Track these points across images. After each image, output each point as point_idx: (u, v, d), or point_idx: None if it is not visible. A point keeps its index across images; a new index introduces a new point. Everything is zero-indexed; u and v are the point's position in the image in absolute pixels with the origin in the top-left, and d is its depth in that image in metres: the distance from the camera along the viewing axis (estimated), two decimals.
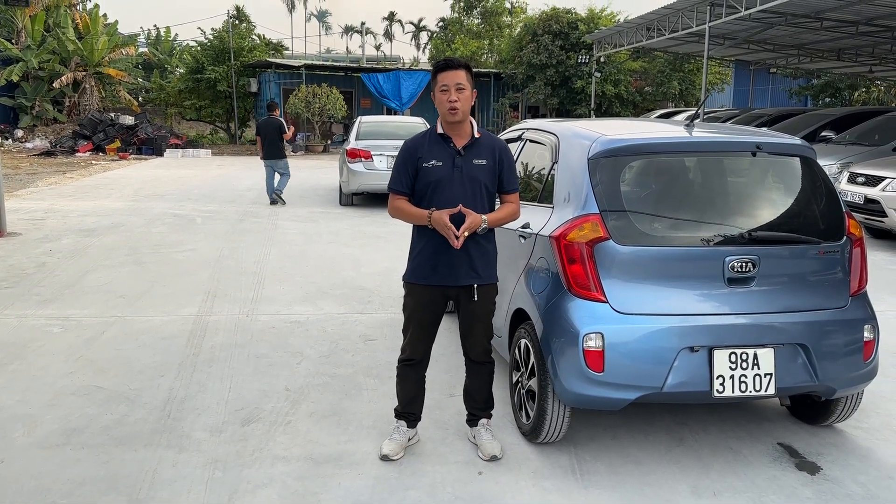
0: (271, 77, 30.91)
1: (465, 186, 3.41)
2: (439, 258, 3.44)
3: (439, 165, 3.41)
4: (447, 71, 3.38)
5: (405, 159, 3.49)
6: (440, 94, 3.40)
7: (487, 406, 3.77)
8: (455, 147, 3.44)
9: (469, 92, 3.39)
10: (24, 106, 30.82)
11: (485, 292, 3.53)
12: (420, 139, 3.53)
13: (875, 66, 23.79)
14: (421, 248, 3.50)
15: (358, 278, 7.25)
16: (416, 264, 3.53)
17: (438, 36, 48.06)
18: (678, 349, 3.32)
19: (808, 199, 3.76)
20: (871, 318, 3.61)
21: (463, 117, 3.40)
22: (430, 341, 3.66)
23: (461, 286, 3.49)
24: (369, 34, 79.85)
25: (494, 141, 3.55)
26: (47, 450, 3.68)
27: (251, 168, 20.91)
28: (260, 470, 3.50)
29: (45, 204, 12.83)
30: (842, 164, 10.92)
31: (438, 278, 3.48)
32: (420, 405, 3.76)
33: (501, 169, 3.50)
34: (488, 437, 3.68)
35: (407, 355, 3.65)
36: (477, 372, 3.70)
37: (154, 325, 5.75)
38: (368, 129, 13.28)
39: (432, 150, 3.45)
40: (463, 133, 3.46)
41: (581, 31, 27.65)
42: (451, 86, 3.36)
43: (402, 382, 3.71)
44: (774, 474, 3.51)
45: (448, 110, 3.37)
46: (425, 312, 3.58)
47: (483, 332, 3.61)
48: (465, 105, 3.38)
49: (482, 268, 3.50)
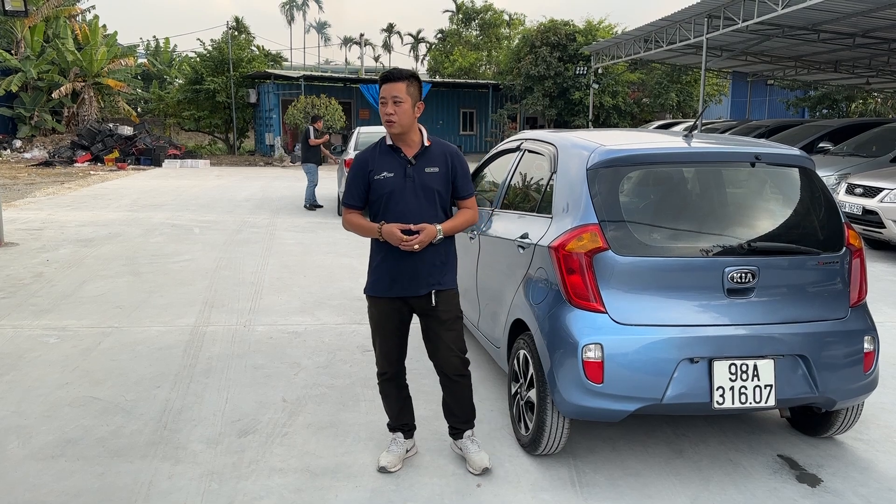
0: (270, 88, 31.01)
1: (418, 196, 3.37)
2: (398, 269, 3.41)
3: (391, 176, 3.38)
4: (386, 83, 3.36)
5: (356, 173, 3.45)
6: (381, 106, 3.38)
7: (470, 418, 3.67)
8: (405, 157, 3.41)
9: (409, 104, 3.34)
10: (22, 116, 30.85)
11: (445, 297, 3.47)
12: (371, 151, 3.49)
13: (872, 78, 23.93)
14: (380, 261, 3.46)
15: (355, 289, 7.22)
16: (376, 277, 3.48)
17: (437, 47, 48.28)
18: (678, 360, 3.30)
19: (807, 209, 3.76)
20: (871, 328, 3.60)
21: (401, 129, 3.36)
22: (400, 352, 3.60)
23: (421, 296, 3.44)
24: (368, 45, 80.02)
25: (445, 147, 3.51)
26: (42, 461, 3.64)
27: (249, 178, 20.93)
28: (257, 482, 3.47)
29: (42, 214, 12.82)
30: (840, 175, 10.93)
31: (399, 289, 3.43)
32: (410, 415, 3.72)
33: (455, 175, 3.47)
34: (475, 448, 3.61)
35: (381, 369, 3.61)
36: (452, 388, 3.59)
37: (151, 336, 5.72)
38: (367, 139, 13.30)
39: (383, 161, 3.42)
40: (411, 143, 3.43)
41: (579, 43, 27.81)
42: (388, 98, 3.33)
43: (385, 398, 3.69)
44: (775, 486, 3.48)
45: (384, 122, 3.35)
46: (389, 324, 3.52)
47: (452, 341, 3.51)
48: (403, 118, 3.33)
49: (441, 276, 3.46)
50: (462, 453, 3.65)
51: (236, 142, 33.28)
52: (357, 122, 30.30)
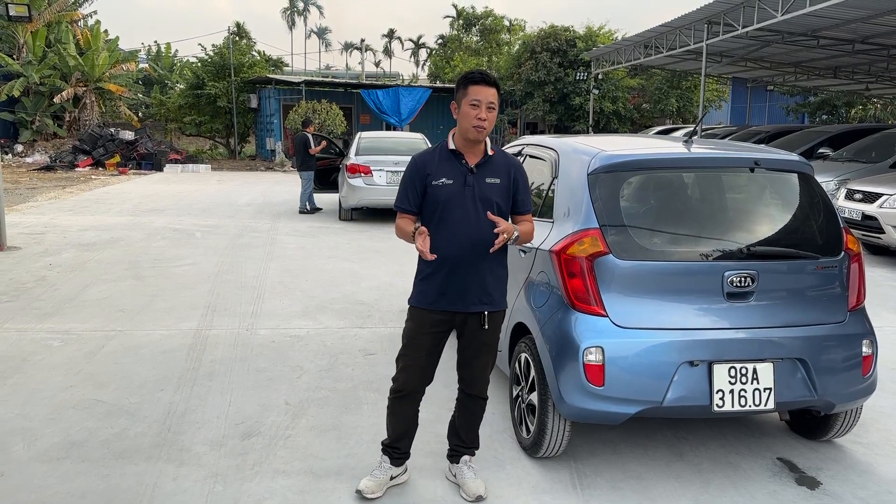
0: (271, 93, 31.06)
1: (476, 206, 3.16)
2: (450, 282, 3.19)
3: (449, 184, 3.17)
4: (482, 86, 3.14)
5: (413, 176, 3.24)
6: (469, 108, 3.13)
7: (473, 444, 3.52)
8: (467, 164, 3.21)
9: (496, 112, 3.20)
10: (24, 121, 30.89)
11: (495, 319, 3.30)
12: (430, 155, 3.28)
13: (871, 84, 23.99)
14: (430, 272, 3.22)
15: (357, 293, 7.26)
16: (424, 287, 3.26)
17: (437, 53, 48.40)
18: (678, 363, 3.33)
19: (806, 214, 3.79)
20: (870, 332, 3.63)
21: (486, 137, 3.21)
22: (426, 373, 3.34)
23: (470, 313, 3.24)
24: (369, 51, 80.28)
25: (509, 159, 3.32)
26: (47, 463, 3.67)
27: (250, 183, 20.97)
28: (260, 484, 3.49)
29: (44, 218, 12.85)
30: (839, 180, 10.97)
31: (447, 303, 3.21)
32: (409, 442, 3.48)
33: (516, 189, 3.27)
34: (471, 475, 3.44)
35: (399, 385, 3.34)
36: (471, 408, 3.44)
37: (154, 339, 5.75)
38: (368, 144, 13.34)
39: (442, 166, 3.21)
40: (477, 150, 3.24)
41: (579, 49, 27.88)
42: (482, 102, 3.12)
43: (392, 416, 3.42)
44: (774, 489, 3.51)
45: (474, 127, 3.13)
46: (427, 340, 3.28)
47: (487, 362, 3.38)
48: (491, 126, 3.17)
49: (494, 292, 3.26)
50: (456, 480, 3.47)
51: (237, 146, 33.32)
52: (358, 127, 30.34)
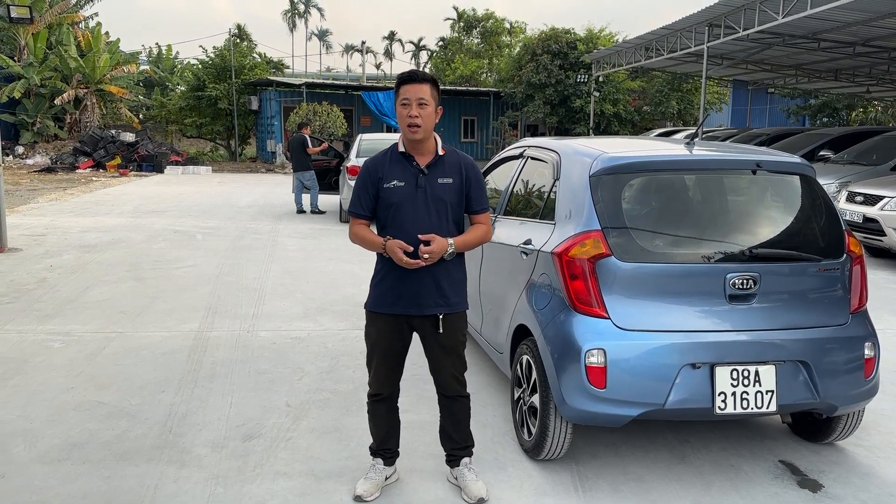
0: (272, 95, 31.10)
1: (429, 208, 3.15)
2: (404, 285, 3.19)
3: (401, 186, 3.16)
4: (410, 84, 3.13)
5: (364, 180, 3.23)
6: (401, 108, 3.14)
7: (468, 444, 3.50)
8: (418, 165, 3.19)
9: (433, 108, 3.14)
10: (25, 122, 30.92)
11: (451, 322, 3.27)
12: (381, 158, 3.26)
13: (872, 87, 23.98)
14: (384, 274, 3.24)
15: (358, 294, 7.25)
16: (380, 292, 3.27)
17: (438, 55, 48.44)
18: (680, 366, 3.32)
19: (807, 216, 3.79)
20: (872, 335, 3.62)
21: (424, 135, 3.15)
22: (397, 374, 3.40)
23: (426, 315, 3.24)
24: (369, 53, 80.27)
25: (460, 157, 3.29)
26: (48, 465, 3.67)
27: (251, 185, 20.99)
28: (262, 486, 3.49)
29: (45, 220, 12.86)
30: (840, 183, 10.97)
31: (403, 306, 3.22)
32: (396, 440, 3.51)
33: (469, 187, 3.24)
34: (472, 477, 3.42)
35: (374, 390, 3.40)
36: (452, 409, 3.43)
37: (155, 341, 5.75)
38: (369, 146, 13.32)
39: (393, 169, 3.19)
40: (426, 151, 3.21)
41: (580, 51, 27.90)
42: (412, 100, 3.10)
43: (373, 419, 3.47)
44: (776, 491, 3.51)
45: (408, 127, 3.11)
46: (389, 344, 3.30)
47: (453, 364, 3.34)
48: (428, 122, 3.13)
49: (451, 295, 3.25)
50: (458, 483, 3.46)
51: (238, 148, 33.35)
52: (359, 129, 30.37)
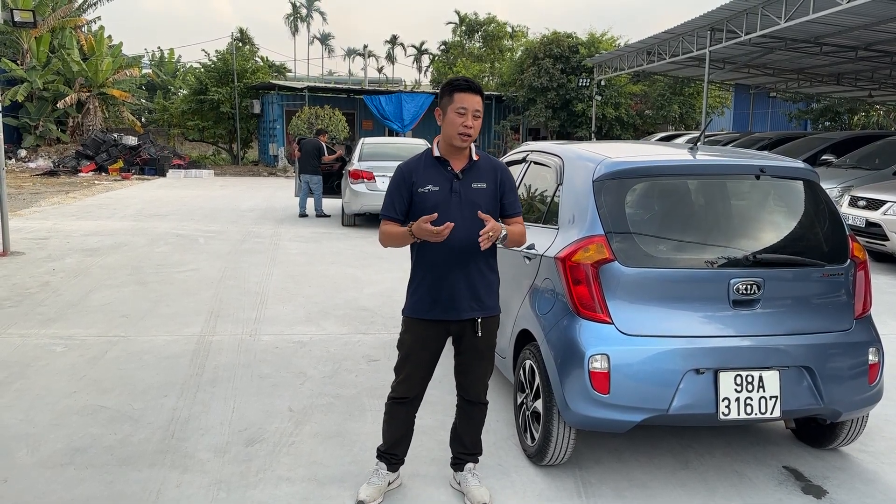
0: (274, 99, 31.16)
1: (463, 212, 3.14)
2: (440, 289, 3.20)
3: (436, 190, 3.17)
4: (468, 93, 3.14)
5: (399, 184, 3.23)
6: (455, 116, 3.13)
7: (476, 450, 3.52)
8: (453, 170, 3.21)
9: (481, 119, 3.21)
10: (27, 126, 30.99)
11: (488, 325, 3.31)
12: (415, 162, 3.27)
13: (874, 91, 23.99)
14: (420, 280, 3.26)
15: (360, 299, 7.25)
16: (417, 297, 3.28)
17: (440, 59, 48.51)
18: (684, 371, 3.32)
19: (811, 221, 3.79)
20: (876, 340, 3.61)
21: (470, 144, 3.21)
22: (426, 380, 3.39)
23: (463, 320, 3.25)
24: (371, 57, 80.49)
25: (494, 163, 3.32)
26: (51, 469, 3.66)
27: (253, 189, 21.01)
28: (264, 491, 3.48)
29: (48, 223, 12.87)
30: (843, 187, 10.97)
31: (440, 311, 3.23)
32: (405, 447, 3.49)
33: (503, 192, 3.27)
34: (475, 482, 3.42)
35: (399, 394, 3.37)
36: (471, 414, 3.44)
37: (157, 345, 5.75)
38: (371, 150, 13.35)
39: (428, 173, 3.21)
40: (461, 156, 3.24)
41: (582, 55, 27.93)
42: (469, 110, 3.13)
43: (389, 420, 3.43)
44: (780, 497, 3.49)
45: (460, 135, 3.14)
46: (424, 350, 3.30)
47: (485, 369, 3.37)
48: (477, 133, 3.17)
49: (486, 298, 3.27)
50: (461, 488, 3.46)
51: (240, 152, 33.41)
52: (360, 133, 30.40)
